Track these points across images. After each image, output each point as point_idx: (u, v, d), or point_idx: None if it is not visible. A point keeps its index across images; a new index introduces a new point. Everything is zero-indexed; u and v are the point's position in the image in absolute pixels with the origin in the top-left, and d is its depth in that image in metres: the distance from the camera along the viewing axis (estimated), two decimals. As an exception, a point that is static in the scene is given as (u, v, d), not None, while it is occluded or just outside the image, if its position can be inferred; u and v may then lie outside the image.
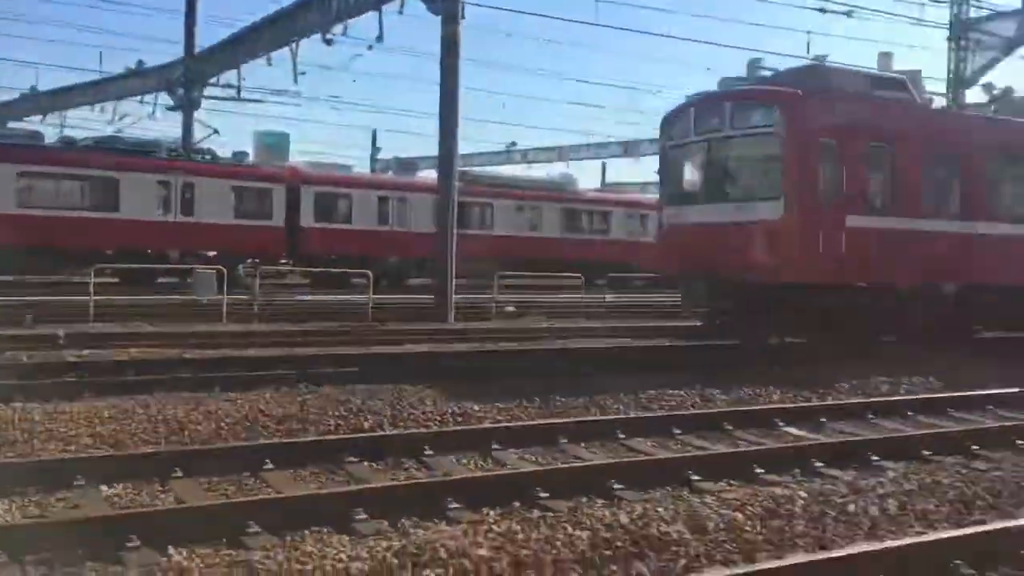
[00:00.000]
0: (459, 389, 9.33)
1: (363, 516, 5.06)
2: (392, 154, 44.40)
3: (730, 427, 7.93)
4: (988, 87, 21.20)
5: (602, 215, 37.69)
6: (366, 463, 6.45)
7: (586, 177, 56.34)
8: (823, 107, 13.04)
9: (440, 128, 19.49)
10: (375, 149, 47.51)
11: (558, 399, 9.06)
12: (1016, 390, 9.76)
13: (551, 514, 5.14)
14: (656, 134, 17.66)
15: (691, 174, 14.50)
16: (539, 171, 49.06)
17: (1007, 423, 8.38)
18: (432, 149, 21.99)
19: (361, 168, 39.95)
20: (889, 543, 4.47)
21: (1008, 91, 19.74)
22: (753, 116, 13.00)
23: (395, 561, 4.22)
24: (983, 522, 4.99)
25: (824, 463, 6.57)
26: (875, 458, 6.74)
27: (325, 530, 4.89)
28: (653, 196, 51.93)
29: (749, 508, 5.28)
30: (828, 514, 5.20)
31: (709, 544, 4.64)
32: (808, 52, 30.63)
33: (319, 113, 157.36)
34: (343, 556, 4.29)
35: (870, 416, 8.63)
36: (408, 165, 37.96)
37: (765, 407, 8.84)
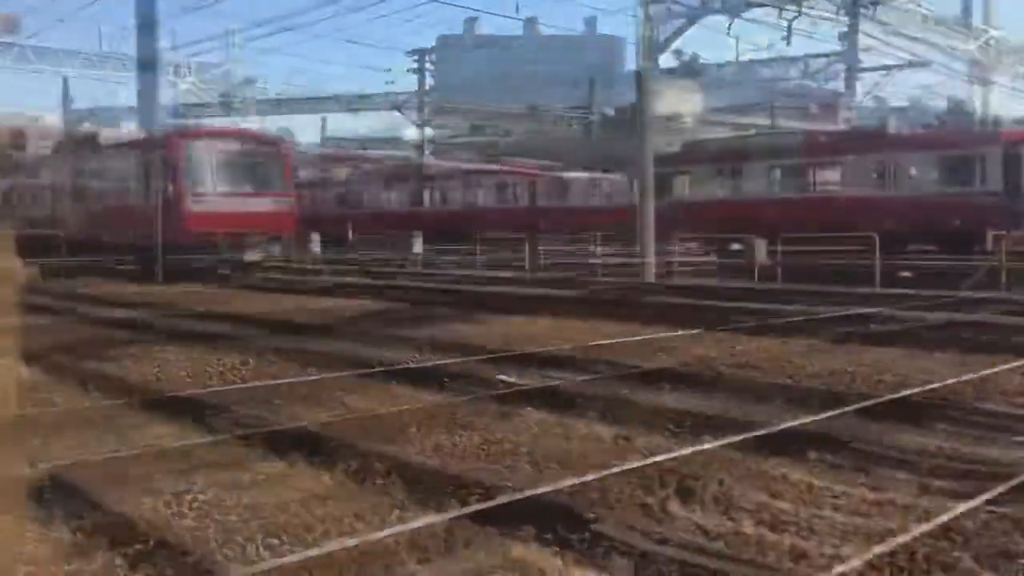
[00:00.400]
0: (164, 355, 8.84)
1: (51, 496, 4.64)
2: (88, 104, 40.80)
3: (447, 379, 8.10)
4: (678, 53, 23.13)
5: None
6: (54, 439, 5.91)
7: (305, 132, 54.89)
8: None
9: (138, 76, 18.16)
10: (68, 99, 43.34)
11: (271, 361, 8.82)
12: (679, 333, 10.77)
13: (263, 477, 5.01)
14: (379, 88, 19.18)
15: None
16: (254, 124, 47.14)
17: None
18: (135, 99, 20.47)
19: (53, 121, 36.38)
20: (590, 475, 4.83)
21: (695, 58, 21.69)
22: None
23: (87, 541, 3.93)
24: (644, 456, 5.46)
25: (533, 407, 6.90)
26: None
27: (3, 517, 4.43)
28: (377, 153, 51.60)
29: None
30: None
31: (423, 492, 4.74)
32: (517, 12, 31.63)
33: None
34: (28, 540, 3.93)
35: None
36: (107, 115, 35.07)
37: (480, 357, 9.13)
